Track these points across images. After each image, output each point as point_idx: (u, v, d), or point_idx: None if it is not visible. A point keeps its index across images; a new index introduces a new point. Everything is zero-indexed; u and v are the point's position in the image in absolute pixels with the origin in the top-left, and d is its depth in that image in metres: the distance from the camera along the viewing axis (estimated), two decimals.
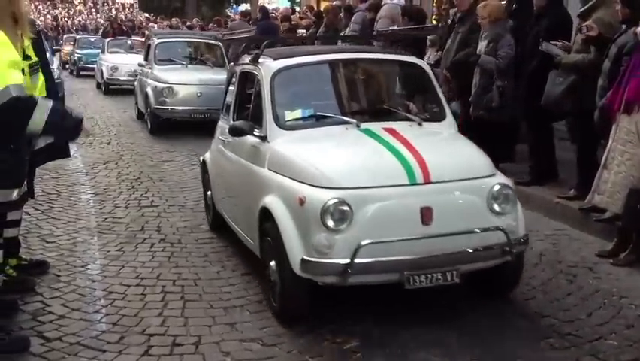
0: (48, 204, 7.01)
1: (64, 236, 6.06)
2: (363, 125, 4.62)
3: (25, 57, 4.33)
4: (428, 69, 5.33)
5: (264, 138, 4.70)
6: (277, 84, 4.84)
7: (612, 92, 5.31)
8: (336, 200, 3.88)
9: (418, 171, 4.07)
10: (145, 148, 10.48)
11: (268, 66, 5.01)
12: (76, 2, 64.78)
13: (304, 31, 13.22)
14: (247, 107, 5.36)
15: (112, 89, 17.91)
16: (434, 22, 12.96)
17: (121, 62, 17.70)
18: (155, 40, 12.76)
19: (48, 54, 5.75)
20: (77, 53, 24.17)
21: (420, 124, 4.82)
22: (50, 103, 3.92)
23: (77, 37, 27.92)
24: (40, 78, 4.51)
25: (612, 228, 5.58)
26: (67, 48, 27.41)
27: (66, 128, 3.99)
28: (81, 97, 17.37)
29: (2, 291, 4.08)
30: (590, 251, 5.41)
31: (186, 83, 11.65)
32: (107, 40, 20.21)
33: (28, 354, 3.85)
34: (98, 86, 19.18)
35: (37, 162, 4.88)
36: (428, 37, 9.14)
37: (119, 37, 20.94)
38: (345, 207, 3.88)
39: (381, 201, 3.96)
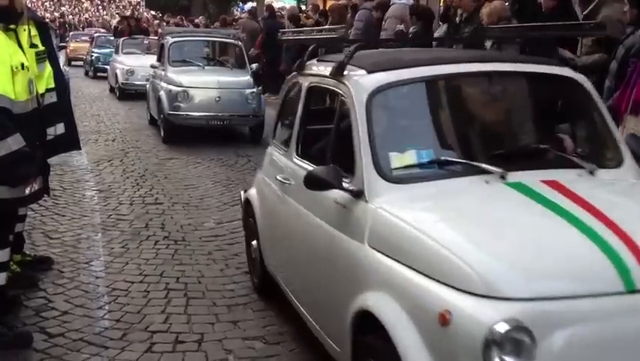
0: (52, 200, 6.98)
1: (69, 232, 6.07)
2: (511, 177, 3.02)
3: (32, 45, 4.34)
4: (590, 87, 3.62)
5: (358, 195, 3.09)
6: (377, 110, 3.26)
7: (619, 93, 5.29)
8: (509, 325, 2.26)
9: (637, 268, 2.43)
10: (150, 146, 10.46)
11: (360, 82, 3.39)
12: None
13: None
14: (320, 138, 3.86)
15: (127, 93, 16.06)
16: (440, 22, 12.93)
17: (137, 64, 15.65)
18: (169, 40, 11.57)
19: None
20: (94, 53, 21.96)
21: (592, 172, 3.22)
22: (19, 147, 3.70)
23: (95, 35, 24.72)
24: (48, 67, 4.52)
25: None
26: (72, 45, 27.13)
27: (11, 175, 3.76)
28: (87, 97, 17.39)
29: (6, 287, 4.08)
30: None
31: (203, 86, 10.52)
32: (122, 39, 18.02)
33: (31, 350, 3.86)
34: (111, 90, 17.41)
35: (49, 155, 4.82)
36: None
37: (135, 37, 18.54)
38: (524, 337, 2.26)
39: (582, 324, 2.33)
